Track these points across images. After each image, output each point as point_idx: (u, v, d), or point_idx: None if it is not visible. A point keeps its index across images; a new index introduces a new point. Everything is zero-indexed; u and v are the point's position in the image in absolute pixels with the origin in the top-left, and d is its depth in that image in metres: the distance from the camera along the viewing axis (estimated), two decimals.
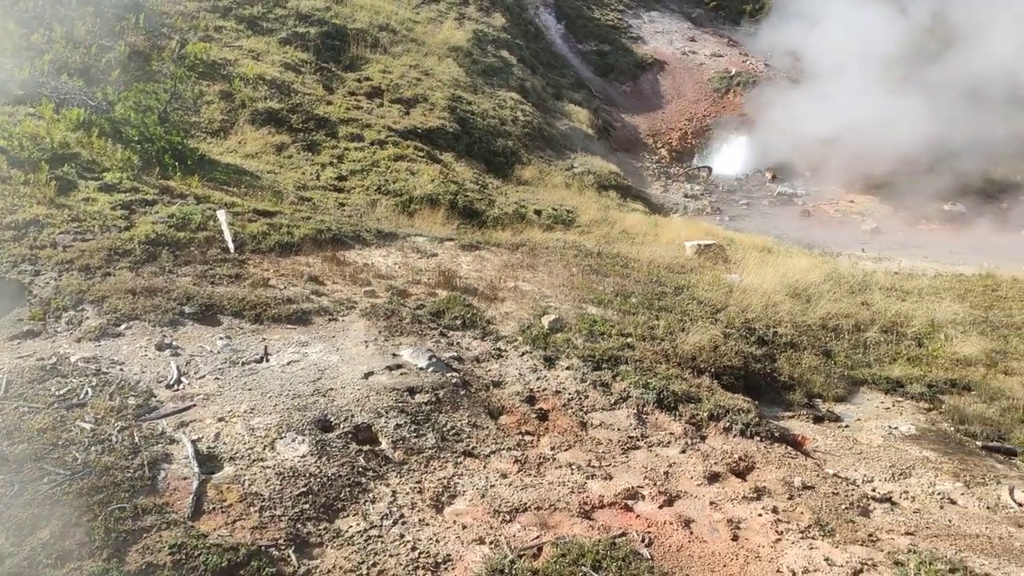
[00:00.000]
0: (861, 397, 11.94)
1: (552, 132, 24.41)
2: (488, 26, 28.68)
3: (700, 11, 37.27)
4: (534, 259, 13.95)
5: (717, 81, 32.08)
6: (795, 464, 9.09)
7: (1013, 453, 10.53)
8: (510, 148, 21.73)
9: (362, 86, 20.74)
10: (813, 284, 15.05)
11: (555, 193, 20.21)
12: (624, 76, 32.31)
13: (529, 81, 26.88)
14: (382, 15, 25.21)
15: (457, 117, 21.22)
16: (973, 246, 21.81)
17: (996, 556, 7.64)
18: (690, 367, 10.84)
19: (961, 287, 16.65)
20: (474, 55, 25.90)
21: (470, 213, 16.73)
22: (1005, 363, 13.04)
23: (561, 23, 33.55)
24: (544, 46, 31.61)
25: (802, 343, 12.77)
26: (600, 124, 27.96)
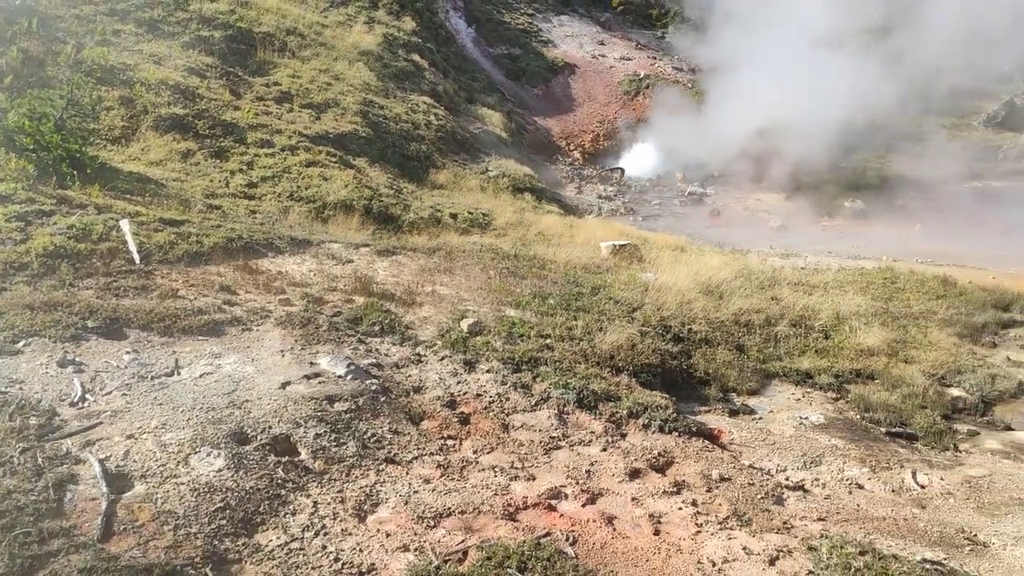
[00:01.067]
0: (773, 389, 12.31)
1: (466, 136, 24.40)
2: (398, 30, 28.51)
3: (609, 15, 37.83)
4: (451, 263, 13.91)
5: (627, 84, 32.62)
6: (712, 457, 9.28)
7: (915, 438, 11.02)
8: (424, 152, 21.63)
9: (271, 91, 20.33)
10: (725, 281, 15.42)
11: (470, 196, 20.20)
12: (536, 79, 32.56)
13: (441, 85, 26.82)
14: (289, 19, 24.77)
15: (369, 122, 21.00)
16: (873, 241, 22.71)
17: (902, 537, 7.96)
18: (609, 366, 10.98)
19: (863, 280, 17.30)
20: (385, 59, 25.69)
21: (385, 218, 16.57)
22: (905, 352, 13.62)
23: (472, 27, 33.59)
24: (455, 50, 31.58)
25: (716, 339, 13.08)
26: (513, 127, 28.09)
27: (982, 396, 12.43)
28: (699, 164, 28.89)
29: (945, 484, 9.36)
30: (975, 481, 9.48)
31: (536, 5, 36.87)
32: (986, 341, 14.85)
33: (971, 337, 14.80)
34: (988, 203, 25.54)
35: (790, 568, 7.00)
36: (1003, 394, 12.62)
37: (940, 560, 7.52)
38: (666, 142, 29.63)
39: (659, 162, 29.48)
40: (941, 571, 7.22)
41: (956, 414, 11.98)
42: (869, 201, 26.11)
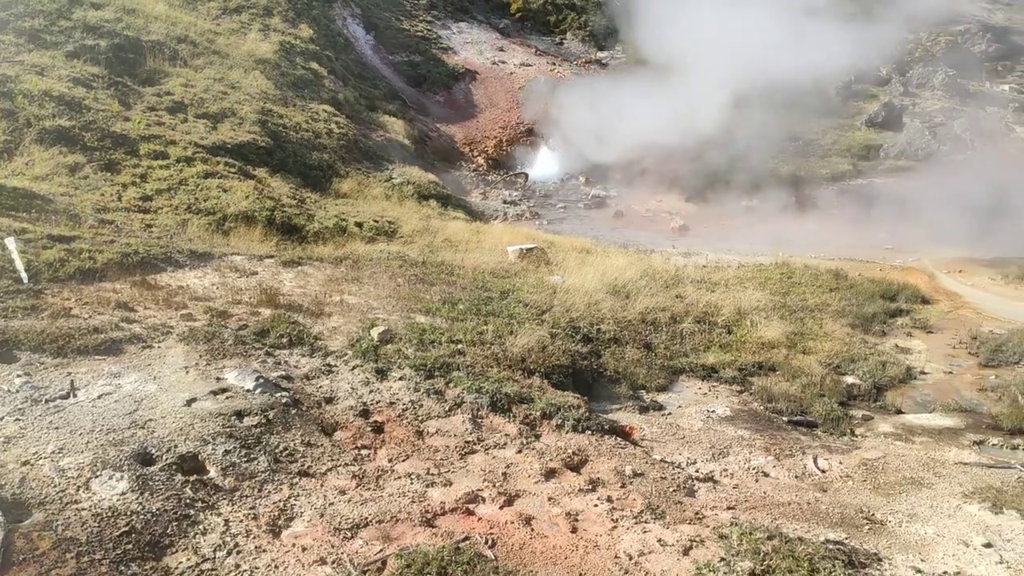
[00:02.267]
0: (681, 385, 12.62)
1: (369, 144, 24.17)
2: (295, 37, 28.04)
3: (507, 22, 38.12)
4: (359, 272, 13.75)
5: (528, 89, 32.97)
6: (625, 454, 9.45)
7: (814, 425, 11.48)
8: (326, 161, 21.31)
9: (163, 101, 19.68)
10: (631, 281, 15.73)
11: (376, 205, 20.02)
12: (437, 86, 32.54)
13: (341, 93, 26.50)
14: (180, 26, 24.05)
15: (269, 131, 20.58)
16: (769, 237, 23.54)
17: (806, 520, 8.28)
18: (521, 369, 11.05)
19: (761, 276, 17.93)
20: (282, 67, 25.22)
21: (289, 229, 16.25)
22: (803, 343, 14.18)
23: (370, 34, 33.31)
24: (355, 57, 31.28)
25: (624, 338, 13.33)
26: (416, 134, 27.99)
27: (874, 382, 13.06)
28: (602, 167, 29.40)
29: (844, 468, 9.77)
30: (871, 463, 9.93)
31: (435, 12, 36.87)
32: (876, 330, 15.60)
33: (863, 327, 15.52)
34: (873, 199, 26.81)
35: (703, 556, 7.18)
36: (893, 380, 13.29)
37: (842, 540, 7.85)
38: (569, 146, 30.05)
39: (563, 166, 29.86)
40: (843, 550, 7.53)
41: (852, 401, 12.54)
42: (765, 199, 27.05)
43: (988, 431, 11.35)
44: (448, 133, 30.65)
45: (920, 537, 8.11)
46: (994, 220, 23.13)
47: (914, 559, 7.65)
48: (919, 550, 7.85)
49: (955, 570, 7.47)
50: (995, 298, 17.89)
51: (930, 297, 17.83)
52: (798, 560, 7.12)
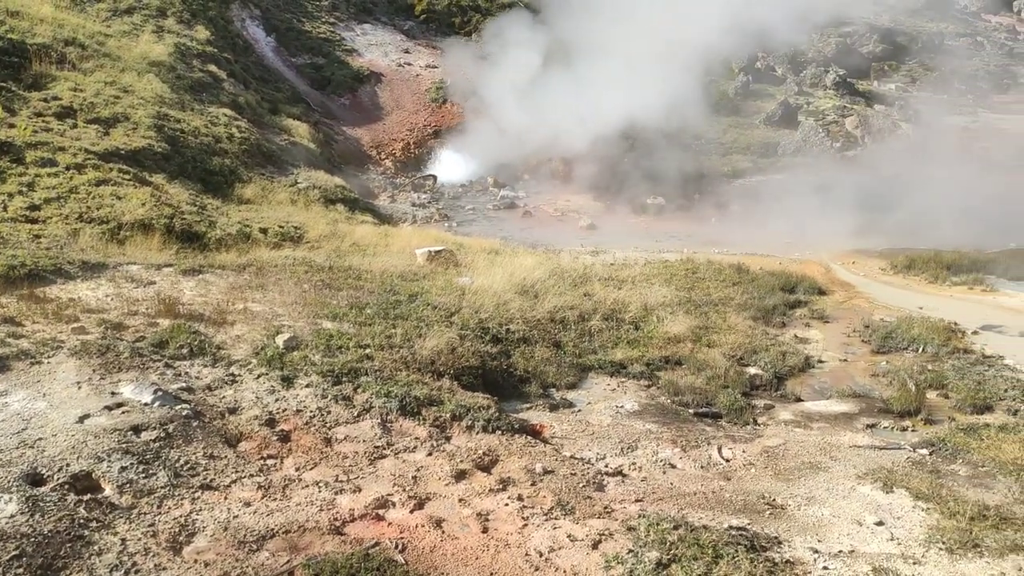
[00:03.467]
0: (590, 382, 12.79)
1: (272, 148, 23.70)
2: (191, 39, 27.25)
3: (412, 24, 37.94)
4: (263, 279, 13.47)
5: (434, 91, 32.86)
6: (536, 452, 9.53)
7: (719, 416, 11.79)
8: (228, 166, 20.79)
9: (50, 106, 18.84)
10: (539, 280, 15.86)
11: (281, 210, 19.64)
12: (342, 89, 32.13)
13: (242, 96, 25.90)
14: (67, 28, 23.09)
15: (165, 136, 19.94)
16: (674, 234, 24.11)
17: (711, 508, 8.51)
18: (430, 371, 11.02)
19: (667, 272, 18.32)
20: (178, 70, 24.47)
21: (190, 236, 15.78)
22: (708, 337, 14.55)
23: (271, 36, 32.67)
24: (255, 60, 30.62)
25: (534, 337, 13.43)
26: (322, 138, 27.58)
27: (775, 372, 13.49)
28: (510, 168, 29.58)
29: (747, 456, 10.07)
30: (772, 450, 10.27)
31: (337, 14, 36.39)
32: (776, 322, 16.12)
33: (764, 319, 16.01)
34: (772, 195, 27.71)
35: (612, 549, 7.30)
36: (793, 369, 13.76)
37: (744, 526, 8.09)
38: (477, 148, 30.11)
39: (471, 168, 29.90)
40: (745, 535, 7.77)
41: (754, 391, 12.92)
42: (670, 197, 27.68)
43: (880, 415, 11.87)
44: (355, 136, 30.32)
45: (817, 519, 8.42)
46: (884, 213, 24.22)
47: (812, 540, 7.95)
48: (816, 531, 8.15)
49: (849, 548, 7.79)
50: (885, 287, 18.73)
51: (826, 288, 18.52)
52: (703, 547, 7.31)
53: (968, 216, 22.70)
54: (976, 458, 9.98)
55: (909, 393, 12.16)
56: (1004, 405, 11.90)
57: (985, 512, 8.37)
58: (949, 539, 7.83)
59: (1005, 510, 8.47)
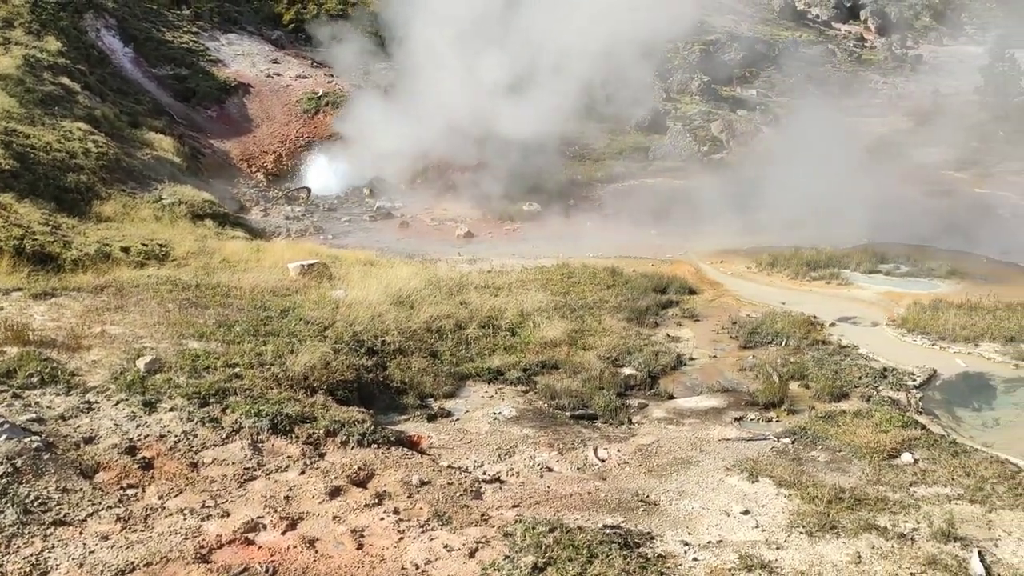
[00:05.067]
0: (468, 390, 12.79)
1: (133, 163, 22.64)
2: (41, 51, 25.78)
3: (280, 33, 37.05)
4: (123, 300, 12.85)
5: (306, 102, 32.19)
6: (412, 463, 9.45)
7: (595, 417, 12.00)
8: (84, 183, 19.73)
9: None
10: (415, 291, 15.76)
11: (144, 227, 18.78)
12: (208, 100, 31.05)
13: (99, 109, 24.66)
14: None
15: (14, 153, 18.75)
16: (551, 239, 24.40)
17: (586, 509, 8.65)
18: (303, 387, 10.78)
19: (543, 278, 18.52)
20: (27, 83, 23.08)
21: (42, 259, 14.88)
22: (583, 340, 14.79)
23: (129, 46, 31.24)
24: (112, 71, 29.22)
25: (410, 348, 13.32)
26: (188, 151, 26.54)
27: (649, 372, 13.85)
28: (385, 178, 29.23)
29: (621, 455, 10.30)
30: (646, 448, 10.53)
31: (200, 23, 35.15)
32: (650, 322, 16.54)
33: (637, 320, 16.40)
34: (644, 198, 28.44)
35: (488, 557, 7.32)
36: (666, 367, 14.16)
37: (619, 524, 8.26)
38: (351, 158, 29.61)
39: (346, 179, 29.41)
40: (619, 533, 7.93)
41: (629, 391, 13.22)
42: (546, 204, 28.00)
43: (747, 407, 12.35)
44: (223, 149, 29.37)
45: (688, 512, 8.69)
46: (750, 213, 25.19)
47: (683, 533, 8.19)
48: (687, 524, 8.41)
49: (718, 539, 8.06)
50: (751, 284, 19.51)
51: (696, 287, 19.13)
52: (578, 548, 7.42)
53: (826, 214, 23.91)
54: (834, 444, 10.52)
55: (773, 385, 12.71)
56: (859, 392, 12.60)
57: (841, 495, 8.83)
58: (809, 523, 8.22)
59: (859, 492, 8.96)
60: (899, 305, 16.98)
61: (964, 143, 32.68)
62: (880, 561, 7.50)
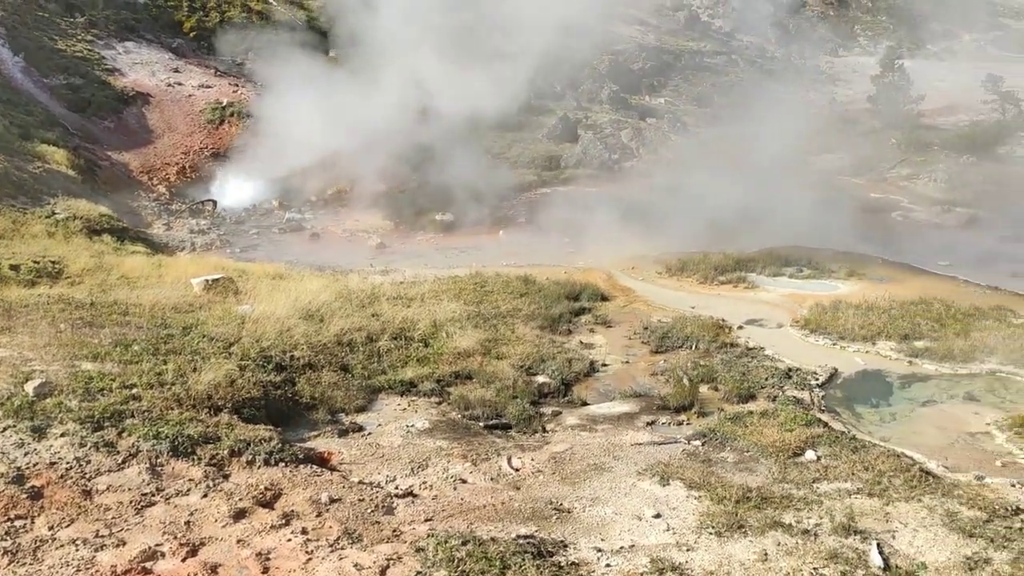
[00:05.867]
0: (381, 403, 12.58)
1: (24, 176, 21.60)
2: None
3: (181, 41, 35.95)
4: (11, 321, 12.21)
5: (210, 112, 31.31)
6: (322, 481, 9.22)
7: (509, 427, 11.95)
8: None
9: None
10: (326, 304, 15.45)
11: (36, 244, 17.92)
12: (105, 111, 29.86)
13: None
14: None
15: None
16: (464, 249, 24.34)
17: (500, 520, 8.57)
18: (207, 407, 10.41)
19: (456, 287, 18.41)
20: None
21: None
22: (497, 349, 14.74)
23: (19, 56, 29.83)
24: (1, 82, 27.93)
25: (320, 362, 13.04)
26: (83, 164, 25.46)
27: (563, 379, 13.89)
28: (295, 189, 28.67)
29: (535, 464, 10.27)
30: (560, 456, 10.54)
31: (95, 31, 33.80)
32: (563, 329, 16.62)
33: (551, 328, 16.45)
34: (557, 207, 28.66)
35: (400, 573, 7.18)
36: (579, 374, 14.22)
37: (532, 533, 8.22)
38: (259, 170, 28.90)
39: (254, 191, 28.70)
40: (533, 543, 7.89)
41: (543, 399, 13.22)
42: (459, 213, 27.92)
43: (659, 411, 12.49)
44: (122, 161, 28.30)
45: (601, 518, 8.71)
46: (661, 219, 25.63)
47: (596, 540, 8.20)
48: (600, 530, 8.42)
49: (630, 543, 8.10)
50: (661, 290, 19.82)
51: (608, 294, 19.33)
52: (491, 560, 7.34)
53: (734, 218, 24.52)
54: (742, 444, 10.73)
55: (684, 389, 12.90)
56: (765, 392, 12.89)
57: (749, 494, 8.99)
58: (718, 523, 8.33)
59: (765, 490, 9.15)
60: (802, 306, 17.48)
61: (859, 150, 34.07)
62: (785, 557, 7.66)
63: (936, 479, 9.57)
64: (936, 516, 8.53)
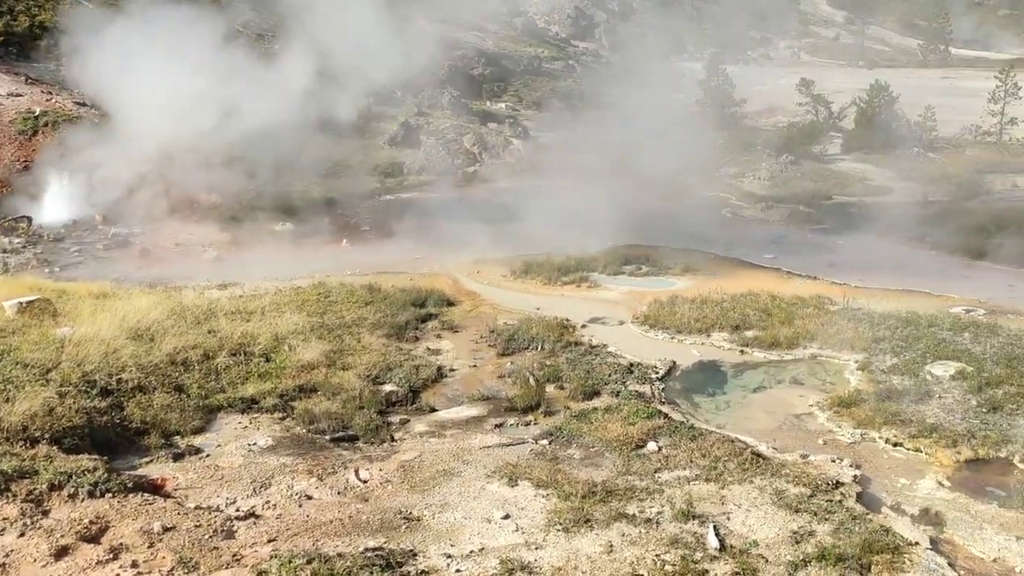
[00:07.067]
0: (220, 423, 12.04)
1: None
2: None
3: None
4: None
5: (21, 123, 29.04)
6: (155, 509, 8.72)
7: (356, 438, 11.70)
8: None
9: None
10: (157, 322, 14.66)
11: None
12: None
13: None
14: None
15: None
16: (305, 259, 23.65)
17: (348, 534, 8.37)
18: (22, 439, 9.65)
19: (299, 299, 17.90)
20: None
21: None
22: (342, 360, 14.43)
23: None
24: None
25: (151, 384, 12.34)
26: None
27: (410, 386, 13.75)
28: (122, 203, 27.00)
29: (384, 474, 10.11)
30: (408, 464, 10.42)
31: None
32: (409, 336, 16.47)
33: (397, 335, 16.27)
34: (401, 213, 28.43)
35: None
36: (427, 381, 14.13)
37: (381, 545, 8.07)
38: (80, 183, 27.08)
39: (75, 206, 26.80)
40: (381, 555, 7.74)
41: (391, 407, 13.04)
42: (300, 223, 27.16)
43: (507, 413, 12.58)
44: None
45: (451, 524, 8.66)
46: (504, 222, 25.91)
47: (445, 546, 8.14)
48: (450, 536, 8.37)
49: (480, 547, 8.09)
50: (506, 292, 20.01)
51: (455, 299, 19.33)
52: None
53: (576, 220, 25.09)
54: (588, 440, 10.96)
55: (531, 389, 13.06)
56: (609, 388, 13.22)
57: (594, 489, 9.19)
58: (565, 520, 8.46)
59: (610, 484, 9.38)
60: (642, 303, 18.09)
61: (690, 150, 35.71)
62: (630, 547, 7.87)
63: (766, 460, 10.11)
64: (766, 495, 9.01)
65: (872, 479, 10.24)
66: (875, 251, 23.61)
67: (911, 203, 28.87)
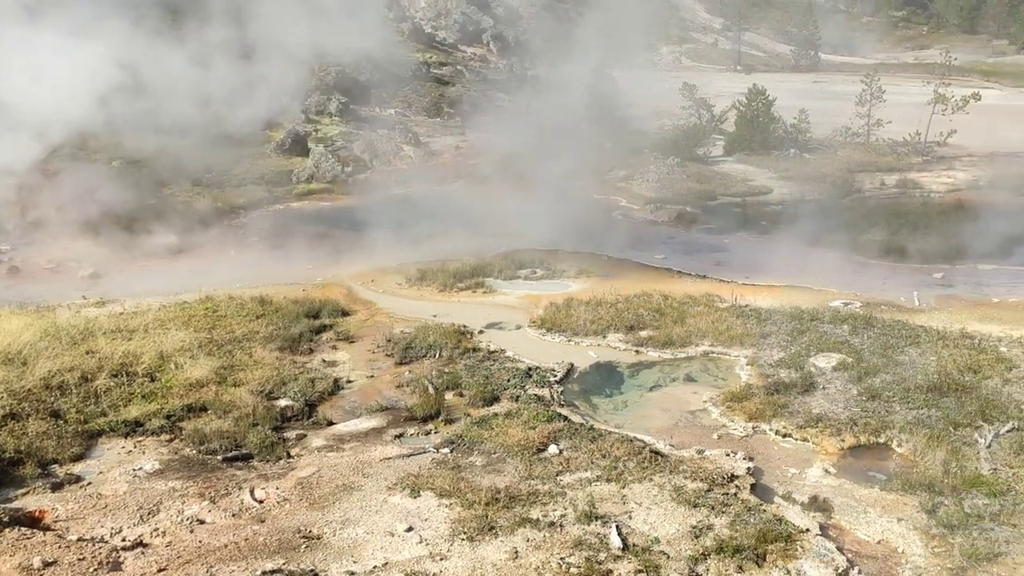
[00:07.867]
0: (101, 448, 11.43)
1: None
2: None
3: None
4: None
5: None
6: (33, 544, 8.20)
7: (250, 457, 11.30)
8: None
9: None
10: (29, 344, 13.83)
11: None
12: None
13: None
14: None
15: None
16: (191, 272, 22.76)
17: (244, 558, 8.06)
18: None
19: (185, 314, 17.22)
20: None
21: None
22: (233, 376, 13.94)
23: None
24: None
25: (24, 410, 11.64)
26: None
27: (306, 400, 13.40)
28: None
29: (281, 492, 9.79)
30: (306, 481, 10.12)
31: None
32: (304, 349, 16.05)
33: (291, 348, 15.84)
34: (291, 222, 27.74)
35: None
36: (323, 394, 13.80)
37: (280, 567, 7.80)
38: None
39: None
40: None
41: (286, 423, 12.65)
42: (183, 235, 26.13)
43: (407, 423, 12.41)
44: None
45: (353, 540, 8.46)
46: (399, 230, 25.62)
47: (348, 563, 7.94)
48: (352, 553, 8.17)
49: (383, 561, 7.92)
50: (402, 300, 19.77)
51: (350, 309, 18.96)
52: None
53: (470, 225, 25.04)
54: (489, 446, 10.91)
55: (430, 398, 12.92)
56: (508, 393, 13.22)
57: (498, 496, 9.15)
58: (470, 528, 8.38)
59: (513, 489, 9.35)
60: (538, 307, 18.19)
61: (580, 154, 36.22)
62: (534, 552, 7.85)
63: (664, 458, 10.30)
64: (665, 492, 9.16)
65: (764, 470, 10.57)
66: (759, 249, 24.50)
67: (790, 202, 30.18)
